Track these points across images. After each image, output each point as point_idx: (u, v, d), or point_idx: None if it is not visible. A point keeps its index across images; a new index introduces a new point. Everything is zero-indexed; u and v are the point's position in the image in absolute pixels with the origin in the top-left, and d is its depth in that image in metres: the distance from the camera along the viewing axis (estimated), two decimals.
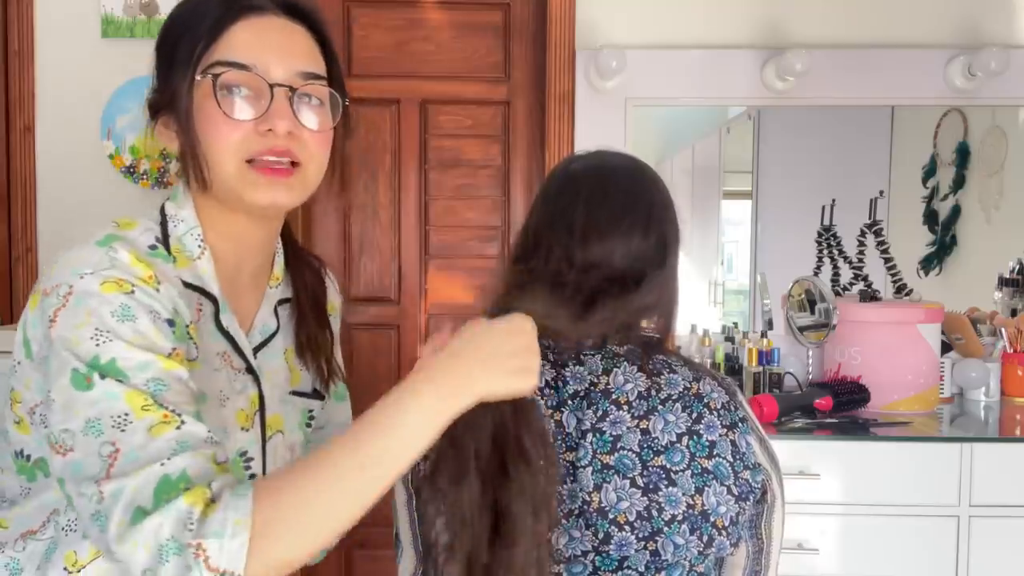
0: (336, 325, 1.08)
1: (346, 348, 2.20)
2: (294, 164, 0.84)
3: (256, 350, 0.92)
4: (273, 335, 0.94)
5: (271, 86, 0.82)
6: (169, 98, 0.84)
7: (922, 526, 1.89)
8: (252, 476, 0.90)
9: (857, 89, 2.38)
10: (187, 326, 0.81)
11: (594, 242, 0.94)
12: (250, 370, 0.90)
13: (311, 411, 0.99)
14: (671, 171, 2.67)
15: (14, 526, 0.86)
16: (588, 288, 0.91)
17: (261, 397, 0.91)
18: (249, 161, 0.83)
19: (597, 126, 2.37)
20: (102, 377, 0.72)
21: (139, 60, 1.62)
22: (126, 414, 0.70)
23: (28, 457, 0.85)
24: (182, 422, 0.71)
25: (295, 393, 0.96)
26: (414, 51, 2.49)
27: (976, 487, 1.88)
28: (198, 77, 0.81)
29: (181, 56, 0.83)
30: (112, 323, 0.73)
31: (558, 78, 2.39)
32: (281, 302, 0.96)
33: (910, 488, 1.89)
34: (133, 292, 0.76)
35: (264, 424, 0.91)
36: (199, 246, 0.86)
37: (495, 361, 0.74)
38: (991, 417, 2.18)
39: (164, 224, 0.87)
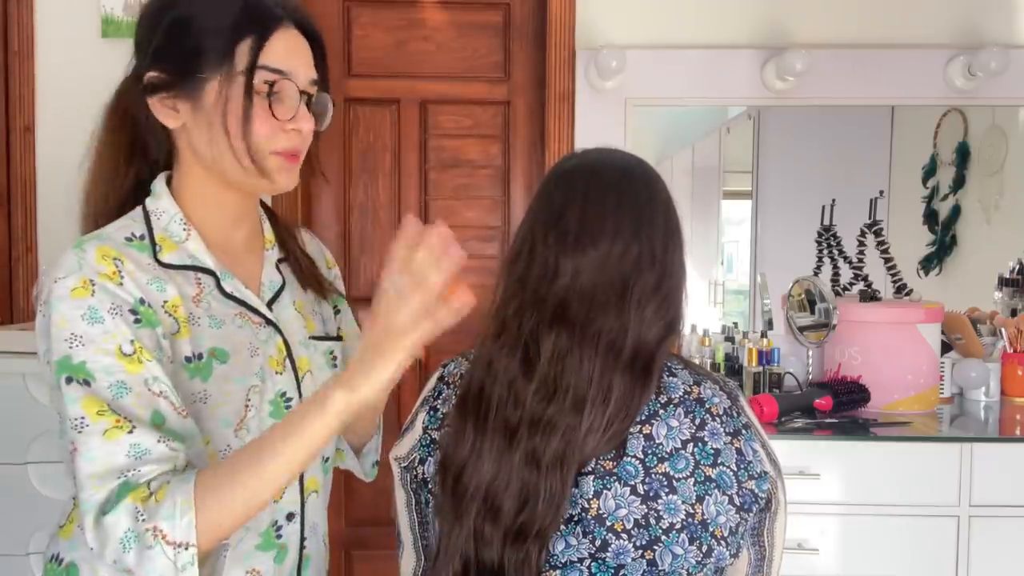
0: (339, 283, 1.22)
1: None
2: None
3: (270, 304, 1.04)
4: (281, 289, 1.07)
5: (300, 92, 0.96)
6: (191, 85, 0.94)
7: (922, 526, 1.89)
8: None
9: (857, 89, 2.38)
10: (164, 304, 0.93)
11: (582, 246, 0.90)
12: (269, 322, 1.02)
13: (332, 352, 1.12)
14: (671, 171, 2.67)
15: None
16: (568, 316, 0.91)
17: (286, 343, 1.03)
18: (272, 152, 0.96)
19: (597, 126, 2.37)
20: (68, 382, 0.85)
21: None
22: (82, 418, 0.83)
23: None
24: (132, 427, 0.83)
25: (314, 338, 1.08)
26: (414, 51, 2.49)
27: (976, 487, 1.88)
28: (241, 77, 0.92)
29: (211, 48, 0.93)
30: (84, 327, 0.86)
31: (558, 78, 2.39)
32: (280, 261, 1.09)
33: (910, 488, 1.89)
34: (94, 293, 0.88)
35: (295, 366, 1.04)
36: (184, 229, 0.99)
37: (393, 344, 0.78)
38: (991, 417, 2.18)
39: (147, 219, 0.99)
